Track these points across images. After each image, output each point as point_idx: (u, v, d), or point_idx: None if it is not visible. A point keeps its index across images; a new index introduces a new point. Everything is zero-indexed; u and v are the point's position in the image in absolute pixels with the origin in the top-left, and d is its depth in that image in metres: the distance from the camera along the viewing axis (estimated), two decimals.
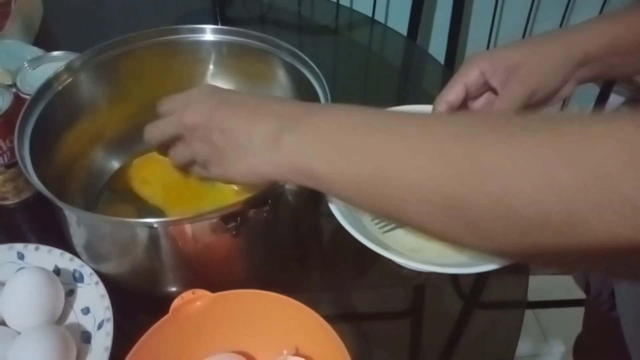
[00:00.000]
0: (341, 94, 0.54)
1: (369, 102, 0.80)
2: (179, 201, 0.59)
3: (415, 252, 0.55)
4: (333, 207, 0.51)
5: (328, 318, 0.42)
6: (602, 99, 1.17)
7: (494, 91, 0.49)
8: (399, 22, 1.07)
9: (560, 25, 1.14)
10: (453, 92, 0.48)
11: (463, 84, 0.48)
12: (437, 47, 1.18)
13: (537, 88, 0.45)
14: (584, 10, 1.18)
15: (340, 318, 0.54)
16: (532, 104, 0.47)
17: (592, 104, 1.21)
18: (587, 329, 0.82)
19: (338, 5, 0.97)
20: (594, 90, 1.24)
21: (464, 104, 0.50)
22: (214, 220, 0.43)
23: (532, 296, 0.58)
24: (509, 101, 0.46)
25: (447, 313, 0.56)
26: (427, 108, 0.61)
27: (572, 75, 0.46)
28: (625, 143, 0.24)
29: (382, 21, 1.15)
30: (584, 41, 0.45)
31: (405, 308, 0.56)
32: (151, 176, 0.61)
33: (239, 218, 0.43)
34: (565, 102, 1.33)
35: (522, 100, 0.45)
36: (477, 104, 0.51)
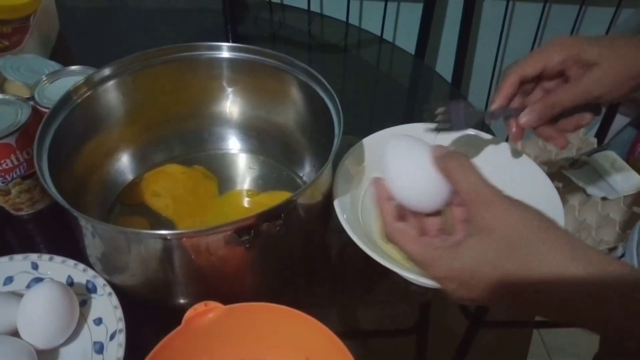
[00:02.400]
0: (350, 112, 0.55)
1: (376, 120, 0.82)
2: (189, 213, 0.60)
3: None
4: (344, 222, 0.52)
5: (335, 332, 0.42)
6: (607, 120, 1.18)
7: (566, 78, 0.49)
8: (407, 41, 1.09)
9: None
10: (530, 69, 0.49)
11: (542, 64, 0.48)
12: (445, 66, 1.19)
13: (608, 91, 0.47)
14: (591, 31, 1.19)
15: (347, 333, 0.54)
16: (597, 101, 0.48)
17: (598, 124, 1.22)
18: (604, 349, 0.81)
19: (347, 24, 0.99)
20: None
21: (534, 80, 0.51)
22: (228, 233, 0.43)
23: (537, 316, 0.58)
24: (575, 94, 0.47)
25: (453, 331, 0.56)
26: (432, 126, 0.63)
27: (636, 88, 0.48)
28: None
29: (391, 40, 1.17)
30: None
31: (411, 325, 0.56)
32: (162, 189, 0.62)
33: (252, 231, 0.43)
34: None
35: (588, 97, 0.47)
36: (550, 85, 0.51)
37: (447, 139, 0.62)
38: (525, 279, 0.34)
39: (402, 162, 0.41)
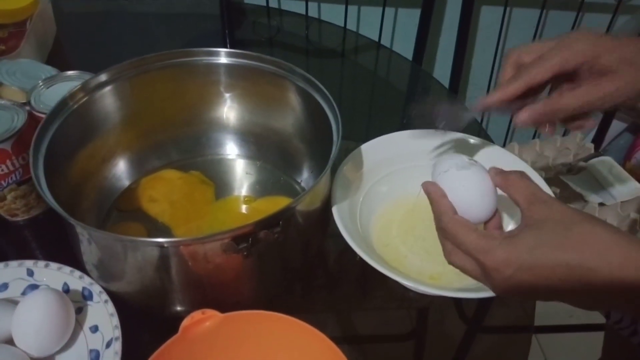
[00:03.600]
0: (347, 117, 0.54)
1: (374, 125, 0.82)
2: (185, 219, 0.60)
3: (434, 279, 0.55)
4: (342, 229, 0.52)
5: (333, 339, 0.42)
6: (604, 125, 1.18)
7: (577, 77, 0.47)
8: (405, 47, 1.09)
9: None
10: (549, 72, 0.46)
11: (559, 67, 0.45)
12: (442, 71, 1.20)
13: (623, 96, 0.45)
14: None
15: (345, 339, 0.54)
16: (603, 108, 0.46)
17: (595, 129, 1.22)
18: (608, 354, 0.80)
19: (345, 29, 0.99)
20: (597, 116, 1.25)
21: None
22: (226, 241, 0.43)
23: (535, 320, 0.58)
24: (582, 102, 0.45)
25: (450, 337, 0.56)
26: (430, 133, 0.63)
27: None
28: None
29: (388, 45, 1.17)
30: None
31: (408, 331, 0.56)
32: (158, 195, 0.62)
33: (250, 239, 0.43)
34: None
35: (595, 105, 0.45)
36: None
37: (445, 144, 0.62)
38: (582, 257, 0.34)
39: (453, 177, 0.43)
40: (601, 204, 1.07)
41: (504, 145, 0.56)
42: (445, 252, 0.42)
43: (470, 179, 0.43)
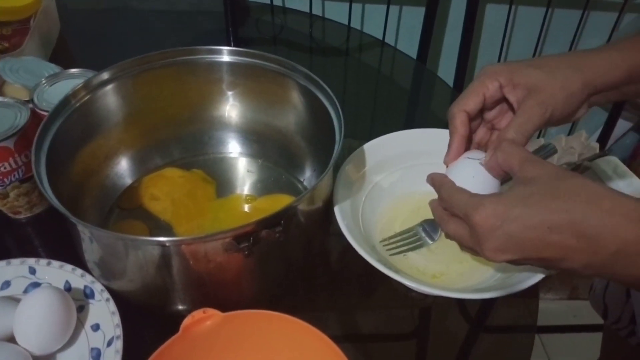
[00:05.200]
0: (350, 116, 0.54)
1: (377, 124, 0.82)
2: (187, 217, 0.60)
3: (436, 278, 0.55)
4: (344, 228, 0.52)
5: (335, 338, 0.42)
6: (610, 124, 1.17)
7: (509, 104, 0.48)
8: (409, 45, 1.09)
9: (569, 49, 1.15)
10: (472, 102, 0.47)
11: (482, 95, 0.47)
12: (446, 70, 1.19)
13: (554, 112, 0.45)
14: (593, 35, 1.19)
15: (347, 339, 0.54)
16: (546, 125, 0.47)
17: (600, 128, 1.21)
18: (606, 355, 0.80)
19: (349, 27, 0.99)
20: (602, 115, 1.24)
21: (478, 114, 0.49)
22: (227, 240, 0.43)
23: (538, 320, 0.58)
24: (527, 121, 0.45)
25: (453, 336, 0.56)
26: (434, 132, 0.62)
27: (586, 102, 0.47)
28: None
29: (392, 44, 1.16)
30: (603, 71, 0.45)
31: (410, 330, 0.56)
32: (160, 192, 0.62)
33: (251, 238, 0.43)
34: (574, 126, 1.33)
35: (539, 122, 0.45)
36: (491, 114, 0.50)
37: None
38: (571, 205, 0.34)
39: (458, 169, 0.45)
40: None
41: None
42: (442, 222, 0.42)
43: (475, 167, 0.44)
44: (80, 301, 0.50)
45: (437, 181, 0.44)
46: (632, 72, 0.45)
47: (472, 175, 0.43)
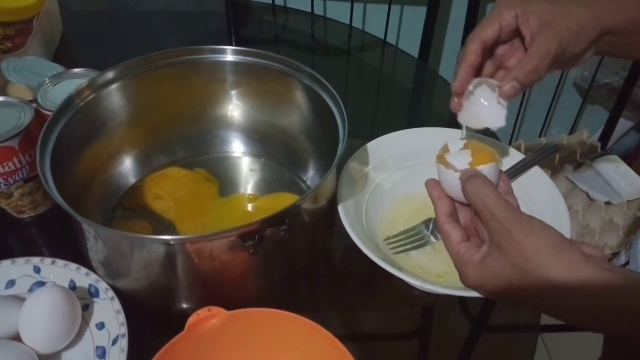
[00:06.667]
0: (353, 115, 0.54)
1: (379, 123, 0.82)
2: (190, 216, 0.60)
3: (440, 277, 0.55)
4: (347, 227, 0.52)
5: (338, 337, 0.42)
6: (611, 124, 1.17)
7: (521, 40, 0.48)
8: (411, 44, 1.08)
9: None
10: (490, 30, 0.47)
11: (498, 23, 0.47)
12: (448, 69, 1.19)
13: (566, 48, 0.45)
14: None
15: (350, 337, 0.54)
16: (556, 64, 0.47)
17: (602, 127, 1.22)
18: (608, 354, 0.80)
19: (351, 27, 0.99)
20: (603, 114, 1.24)
21: (494, 45, 0.49)
22: (232, 239, 0.43)
23: (541, 319, 0.58)
24: (540, 56, 0.45)
25: (456, 335, 0.56)
26: (436, 131, 0.63)
27: (595, 43, 0.47)
28: None
29: (394, 43, 1.16)
30: (612, 11, 0.45)
31: (414, 329, 0.56)
32: (163, 192, 0.62)
33: (256, 237, 0.43)
34: (575, 125, 1.33)
35: (551, 57, 0.45)
36: (502, 50, 0.50)
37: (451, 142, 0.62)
38: (538, 299, 0.36)
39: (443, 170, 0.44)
40: (607, 203, 1.07)
41: (509, 143, 0.56)
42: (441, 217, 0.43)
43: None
44: (85, 300, 0.50)
45: (433, 203, 0.44)
46: (637, 21, 0.46)
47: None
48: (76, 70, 0.62)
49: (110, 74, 0.56)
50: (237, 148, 0.67)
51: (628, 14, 0.46)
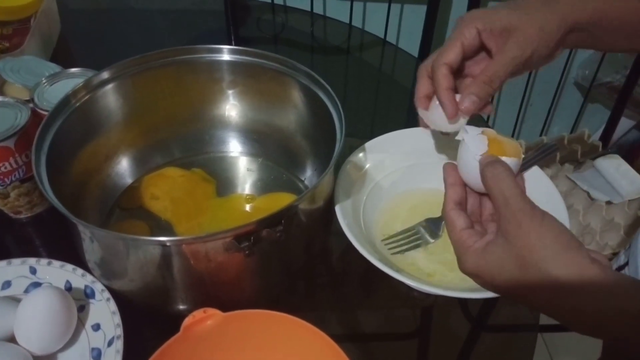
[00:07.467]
0: (351, 114, 0.54)
1: (378, 123, 0.81)
2: (186, 216, 0.60)
3: (431, 277, 0.55)
4: (345, 227, 0.52)
5: (336, 338, 0.42)
6: (612, 123, 1.17)
7: (488, 52, 0.48)
8: (411, 44, 1.08)
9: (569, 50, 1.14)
10: (452, 53, 0.47)
11: (460, 44, 0.47)
12: None
13: (533, 53, 0.45)
14: None
15: (348, 338, 0.54)
16: (525, 68, 0.47)
17: (603, 127, 1.21)
18: (608, 353, 0.80)
19: (350, 26, 0.98)
20: (604, 114, 1.24)
21: (461, 66, 0.49)
22: (228, 240, 0.43)
23: (540, 319, 0.58)
24: (506, 64, 0.45)
25: (455, 336, 0.56)
26: (435, 131, 0.62)
27: (562, 42, 0.47)
28: None
29: (394, 42, 1.16)
30: (575, 10, 0.45)
31: (412, 330, 0.56)
32: (160, 192, 0.62)
33: (252, 238, 0.43)
34: (576, 124, 1.33)
35: (518, 63, 0.45)
36: (472, 64, 0.50)
37: (450, 142, 0.62)
38: (537, 295, 0.36)
39: (465, 152, 0.44)
40: (608, 202, 1.06)
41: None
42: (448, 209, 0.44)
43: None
44: (80, 301, 0.50)
45: (445, 187, 0.44)
46: (598, 16, 0.46)
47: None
48: (73, 70, 0.62)
49: (106, 74, 0.56)
50: (234, 148, 0.66)
51: (590, 11, 0.46)
